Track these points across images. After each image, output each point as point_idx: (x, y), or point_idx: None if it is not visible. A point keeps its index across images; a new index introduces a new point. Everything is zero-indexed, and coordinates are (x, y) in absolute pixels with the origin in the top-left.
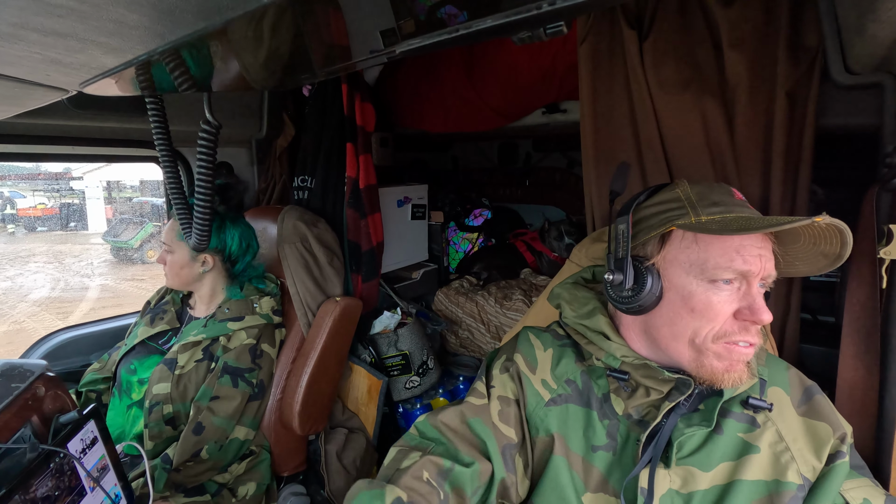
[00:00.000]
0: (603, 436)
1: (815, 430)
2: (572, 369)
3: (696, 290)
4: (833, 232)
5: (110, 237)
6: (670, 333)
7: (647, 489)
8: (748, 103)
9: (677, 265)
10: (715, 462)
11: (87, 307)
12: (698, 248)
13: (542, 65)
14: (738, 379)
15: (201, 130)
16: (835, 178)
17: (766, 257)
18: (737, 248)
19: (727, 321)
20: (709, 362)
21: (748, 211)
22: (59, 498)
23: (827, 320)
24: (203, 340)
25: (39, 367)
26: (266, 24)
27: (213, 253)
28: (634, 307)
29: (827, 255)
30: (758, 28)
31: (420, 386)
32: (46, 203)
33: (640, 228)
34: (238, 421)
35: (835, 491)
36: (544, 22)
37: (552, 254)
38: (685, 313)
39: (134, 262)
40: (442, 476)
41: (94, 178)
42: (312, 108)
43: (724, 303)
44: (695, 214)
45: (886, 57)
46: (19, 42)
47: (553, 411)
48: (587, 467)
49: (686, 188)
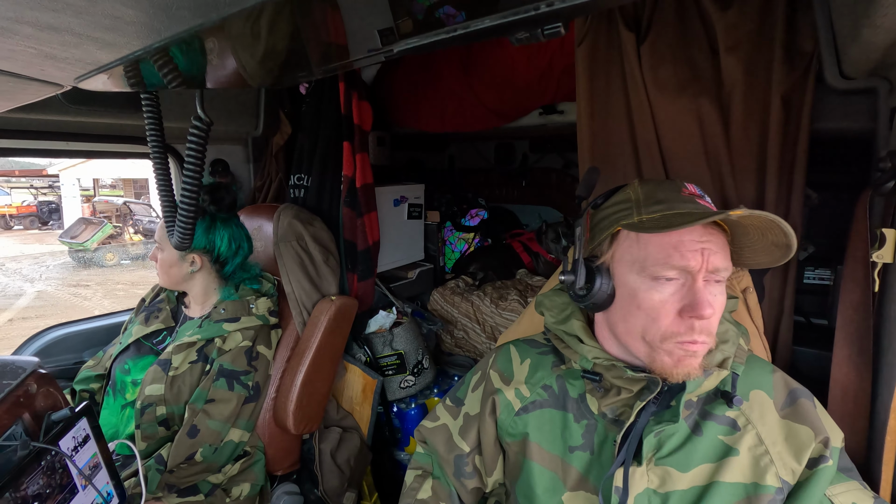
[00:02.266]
0: (578, 436)
1: (795, 433)
2: (548, 375)
3: (641, 287)
4: (773, 223)
5: (67, 238)
6: (625, 329)
7: (622, 487)
8: (744, 106)
9: (623, 264)
10: (694, 463)
11: (4, 319)
12: (639, 247)
13: (539, 65)
14: (687, 373)
15: (192, 126)
16: (829, 181)
17: (710, 250)
18: (675, 244)
19: (673, 321)
20: (660, 358)
21: (691, 206)
22: (51, 496)
23: (820, 323)
24: (198, 341)
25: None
26: (263, 21)
27: (201, 253)
28: (589, 304)
29: (778, 246)
30: (754, 32)
31: (415, 385)
32: (31, 200)
33: (597, 230)
34: (233, 424)
35: (817, 497)
36: (542, 23)
37: (548, 255)
38: (634, 310)
39: (90, 266)
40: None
41: (71, 175)
42: (309, 106)
43: (666, 301)
44: (637, 214)
45: (881, 62)
46: (14, 36)
47: (524, 418)
48: (565, 467)
49: (636, 188)
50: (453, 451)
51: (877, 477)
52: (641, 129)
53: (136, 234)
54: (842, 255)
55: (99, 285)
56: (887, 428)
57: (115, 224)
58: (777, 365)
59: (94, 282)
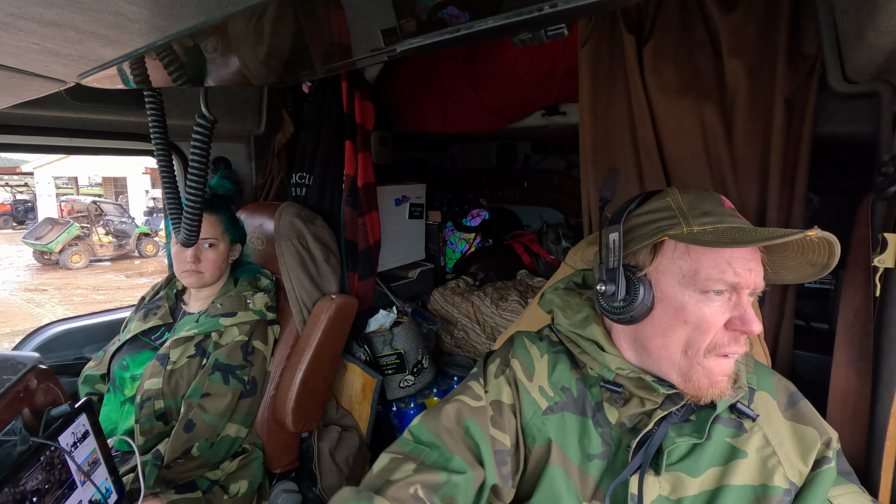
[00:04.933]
0: (598, 444)
1: (801, 435)
2: (567, 376)
3: (689, 301)
4: (822, 243)
5: (31, 239)
6: (662, 344)
7: (637, 495)
8: (747, 110)
9: (669, 275)
10: (703, 468)
11: None
12: (690, 259)
13: (542, 67)
14: (719, 394)
15: (196, 124)
16: (831, 185)
17: (755, 270)
18: (728, 259)
19: (718, 332)
20: (696, 377)
21: (739, 221)
22: (50, 491)
23: (821, 327)
24: (195, 336)
25: (32, 359)
26: (267, 20)
27: (241, 242)
28: (626, 318)
29: (814, 265)
30: (757, 35)
31: (414, 385)
32: (9, 198)
33: (632, 237)
34: (229, 418)
35: (822, 497)
36: (546, 24)
37: (549, 256)
38: (678, 324)
39: (56, 268)
40: (433, 491)
41: (45, 173)
42: (312, 104)
43: (715, 314)
44: (686, 225)
45: (884, 66)
46: (18, 32)
47: (550, 420)
48: (583, 476)
49: (677, 197)
50: (495, 444)
51: (876, 482)
52: (643, 132)
53: (106, 236)
54: (843, 260)
55: (58, 290)
56: (887, 433)
57: (83, 225)
58: (777, 369)
59: (54, 286)
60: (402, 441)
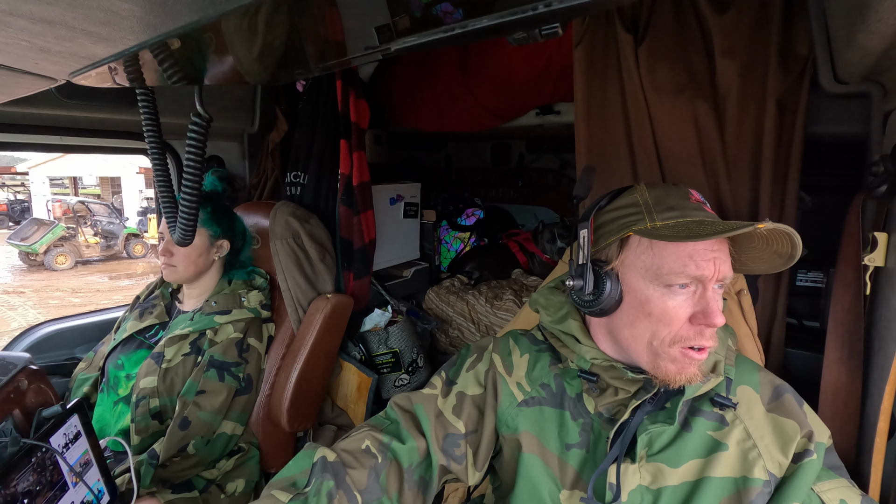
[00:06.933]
0: (576, 434)
1: (781, 427)
2: (546, 373)
3: (653, 294)
4: (782, 234)
5: (16, 240)
6: (630, 335)
7: (615, 484)
8: (739, 110)
9: (634, 270)
10: (684, 459)
11: None
12: (653, 254)
13: (536, 66)
14: (688, 380)
15: (191, 123)
16: (822, 184)
17: (720, 259)
18: (690, 253)
19: (683, 326)
20: (663, 365)
21: (702, 214)
22: (41, 493)
23: (812, 325)
24: (190, 334)
25: (22, 360)
26: (261, 18)
27: (227, 239)
28: (596, 310)
29: (781, 255)
30: (749, 36)
31: (409, 384)
32: (10, 197)
33: (601, 233)
34: (225, 416)
35: (803, 490)
36: (540, 23)
37: (544, 255)
38: (643, 317)
39: (39, 269)
40: (383, 447)
41: (41, 172)
42: (306, 103)
43: (679, 307)
44: (650, 220)
45: (875, 67)
46: (7, 28)
47: (525, 412)
48: (562, 465)
49: (644, 192)
50: (447, 428)
51: (866, 477)
52: (638, 131)
53: (94, 236)
54: (834, 258)
55: (36, 292)
56: (877, 429)
57: (69, 226)
58: (769, 367)
59: (33, 288)
60: (375, 417)
